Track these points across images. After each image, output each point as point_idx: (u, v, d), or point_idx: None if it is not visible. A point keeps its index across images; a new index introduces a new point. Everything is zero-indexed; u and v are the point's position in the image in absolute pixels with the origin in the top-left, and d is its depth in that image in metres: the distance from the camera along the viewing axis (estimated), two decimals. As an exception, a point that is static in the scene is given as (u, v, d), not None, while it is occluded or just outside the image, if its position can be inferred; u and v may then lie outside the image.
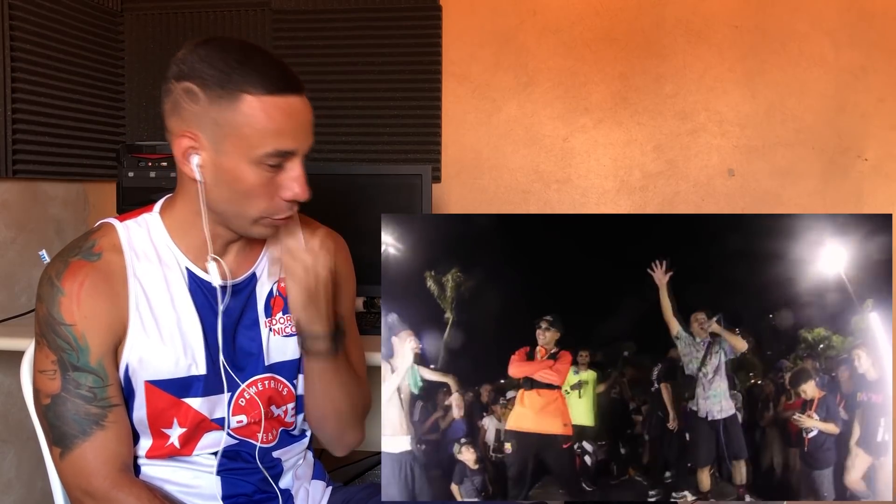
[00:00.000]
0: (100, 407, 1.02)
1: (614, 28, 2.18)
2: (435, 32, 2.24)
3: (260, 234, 1.07)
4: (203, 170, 1.00)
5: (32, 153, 1.96)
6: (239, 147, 0.98)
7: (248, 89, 0.97)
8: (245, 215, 1.03)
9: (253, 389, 1.12)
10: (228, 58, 0.98)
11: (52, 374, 1.01)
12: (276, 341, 1.15)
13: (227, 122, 0.97)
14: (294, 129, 1.00)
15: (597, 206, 2.22)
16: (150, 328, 1.05)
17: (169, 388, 1.06)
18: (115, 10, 2.30)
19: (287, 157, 1.00)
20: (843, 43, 2.09)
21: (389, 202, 1.86)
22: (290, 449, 1.19)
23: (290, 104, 0.99)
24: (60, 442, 1.01)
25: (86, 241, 1.06)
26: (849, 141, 2.11)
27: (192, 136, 0.99)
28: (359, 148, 2.28)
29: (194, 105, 0.98)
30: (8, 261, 1.94)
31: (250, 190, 1.00)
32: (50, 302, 1.02)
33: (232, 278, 1.12)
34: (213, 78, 0.97)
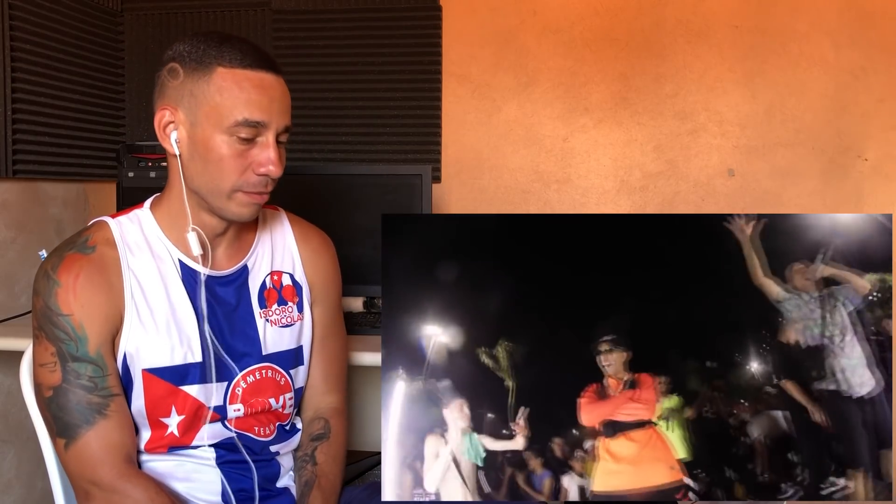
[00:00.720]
0: (101, 396, 1.03)
1: (614, 28, 2.18)
2: (435, 32, 2.24)
3: (237, 213, 1.08)
4: (180, 145, 1.06)
5: (32, 153, 1.96)
6: (211, 117, 1.03)
7: (223, 62, 1.03)
8: (219, 189, 1.05)
9: (251, 378, 1.14)
10: (209, 40, 1.05)
11: (53, 366, 1.02)
12: (273, 332, 1.17)
13: (201, 93, 1.03)
14: (264, 102, 1.03)
15: (597, 206, 2.22)
16: (146, 318, 1.07)
17: (166, 375, 1.07)
18: (115, 10, 2.30)
19: (258, 129, 1.04)
20: (843, 43, 2.09)
21: (389, 202, 1.86)
22: (286, 444, 1.21)
23: (262, 78, 1.04)
24: (65, 432, 1.02)
25: (79, 237, 1.09)
26: (849, 141, 2.11)
27: (172, 110, 1.05)
28: (359, 148, 2.28)
29: (175, 81, 1.05)
30: (8, 261, 1.94)
31: (222, 160, 1.03)
32: (47, 294, 1.03)
33: (223, 269, 1.15)
34: (191, 55, 1.05)
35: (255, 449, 1.15)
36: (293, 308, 1.20)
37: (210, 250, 1.12)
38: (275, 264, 1.21)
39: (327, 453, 1.20)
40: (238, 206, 1.07)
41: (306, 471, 1.18)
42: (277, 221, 1.25)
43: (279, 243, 1.23)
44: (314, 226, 1.29)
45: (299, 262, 1.23)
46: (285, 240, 1.24)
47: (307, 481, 1.16)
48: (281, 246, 1.23)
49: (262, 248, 1.20)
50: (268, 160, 1.04)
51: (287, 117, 1.07)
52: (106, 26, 2.26)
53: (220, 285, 1.14)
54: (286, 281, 1.21)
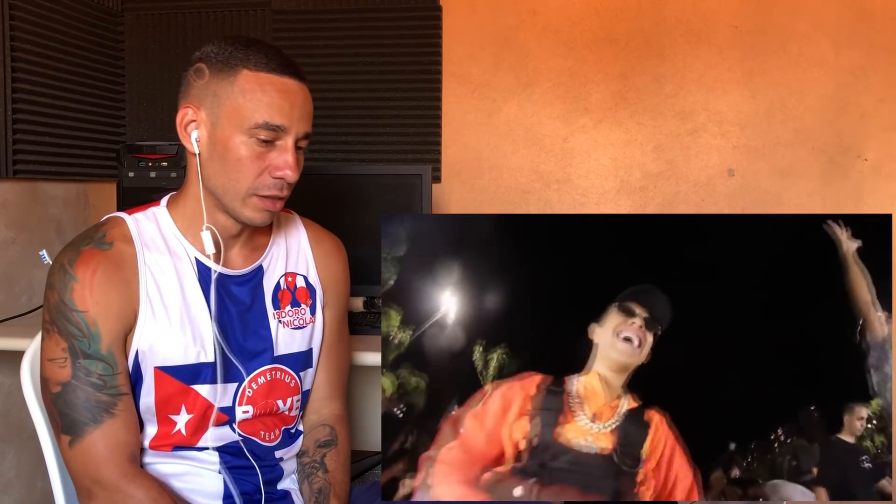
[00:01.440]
0: (109, 395, 1.03)
1: (614, 28, 2.18)
2: (435, 32, 2.24)
3: (251, 216, 1.08)
4: (200, 144, 1.07)
5: (32, 153, 1.96)
6: (232, 118, 1.03)
7: (248, 65, 1.04)
8: (235, 190, 1.06)
9: (261, 379, 1.14)
10: (237, 42, 1.06)
11: (63, 361, 1.02)
12: (285, 333, 1.17)
13: (224, 93, 1.04)
14: (286, 107, 1.04)
15: (597, 206, 2.22)
16: (161, 316, 1.06)
17: (178, 374, 1.07)
18: (115, 10, 2.30)
19: (278, 133, 1.04)
20: (843, 43, 2.09)
21: (389, 202, 1.86)
22: (290, 449, 1.20)
23: (286, 84, 1.05)
24: (70, 430, 1.02)
25: (97, 232, 1.08)
26: (849, 141, 2.11)
27: (194, 109, 1.06)
28: (359, 148, 2.28)
29: (200, 80, 1.06)
30: (8, 261, 1.94)
31: (240, 161, 1.04)
32: (62, 289, 1.02)
33: (239, 269, 1.15)
34: (218, 56, 1.06)
35: (260, 454, 1.15)
36: (306, 310, 1.21)
37: (224, 250, 1.13)
38: (289, 266, 1.21)
39: (337, 461, 1.20)
40: (252, 211, 1.07)
41: (318, 478, 1.18)
42: (292, 224, 1.25)
43: (294, 245, 1.23)
44: (327, 230, 1.30)
45: (313, 264, 1.24)
46: (300, 242, 1.24)
47: (321, 489, 1.17)
48: (295, 248, 1.23)
49: (277, 249, 1.20)
50: (285, 164, 1.05)
51: (307, 124, 1.07)
52: (106, 26, 2.26)
53: (235, 285, 1.14)
54: (300, 283, 1.21)
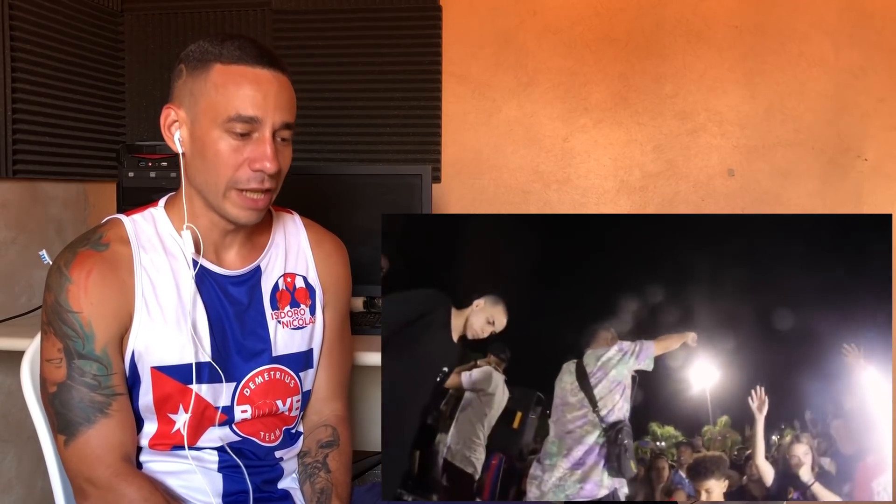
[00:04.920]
0: (104, 395, 1.03)
1: (614, 28, 2.18)
2: (435, 32, 2.24)
3: (235, 214, 1.07)
4: (183, 143, 1.08)
5: (32, 153, 1.96)
6: (208, 113, 1.03)
7: (221, 60, 1.04)
8: (215, 186, 1.06)
9: (259, 379, 1.14)
10: (213, 39, 1.07)
11: (59, 362, 1.03)
12: (284, 334, 1.17)
13: (199, 90, 1.04)
14: (259, 98, 1.03)
15: (597, 206, 2.22)
16: (157, 317, 1.07)
17: (175, 374, 1.07)
18: (115, 10, 2.30)
19: (253, 125, 1.04)
20: (843, 43, 2.09)
21: (389, 202, 1.86)
22: (291, 449, 1.20)
23: (258, 74, 1.04)
24: (65, 429, 1.03)
25: (94, 234, 1.09)
26: (849, 141, 2.11)
27: (175, 108, 1.07)
28: (359, 148, 2.28)
29: (179, 80, 1.08)
30: (8, 261, 1.94)
31: (218, 156, 1.04)
32: (58, 290, 1.03)
33: (236, 269, 1.15)
34: (194, 54, 1.07)
35: (260, 454, 1.15)
36: (305, 311, 1.20)
37: (220, 250, 1.13)
38: (288, 266, 1.20)
39: (339, 461, 1.20)
40: (233, 207, 1.07)
41: (320, 478, 1.18)
42: (291, 224, 1.25)
43: (293, 246, 1.22)
44: (328, 230, 1.29)
45: (313, 265, 1.23)
46: (299, 242, 1.23)
47: (323, 489, 1.16)
48: (295, 248, 1.22)
49: (276, 249, 1.20)
50: (263, 155, 1.03)
51: (286, 113, 1.06)
52: (106, 26, 2.26)
53: (232, 285, 1.14)
54: (299, 283, 1.21)
